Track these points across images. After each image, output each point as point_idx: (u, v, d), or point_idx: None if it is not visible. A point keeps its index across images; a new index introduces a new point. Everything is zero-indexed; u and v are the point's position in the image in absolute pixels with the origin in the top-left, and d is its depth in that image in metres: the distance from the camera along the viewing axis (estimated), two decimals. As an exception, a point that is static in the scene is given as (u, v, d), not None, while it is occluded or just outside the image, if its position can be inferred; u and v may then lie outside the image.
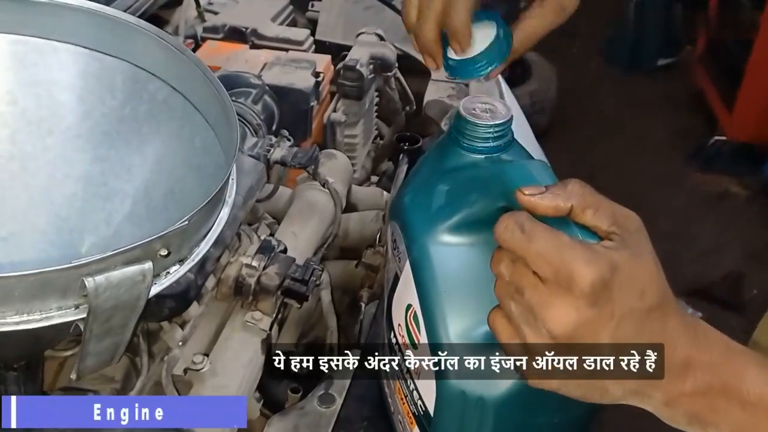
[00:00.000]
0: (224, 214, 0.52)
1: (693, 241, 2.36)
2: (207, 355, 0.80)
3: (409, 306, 0.56)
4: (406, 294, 0.56)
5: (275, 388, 0.86)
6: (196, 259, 0.49)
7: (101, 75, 0.61)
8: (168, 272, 0.46)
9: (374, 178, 1.34)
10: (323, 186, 1.01)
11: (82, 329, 0.42)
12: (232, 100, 0.98)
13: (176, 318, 0.81)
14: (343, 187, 1.15)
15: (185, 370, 0.78)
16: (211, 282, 0.84)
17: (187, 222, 0.44)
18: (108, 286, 0.41)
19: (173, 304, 0.72)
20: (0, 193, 0.62)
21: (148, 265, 0.42)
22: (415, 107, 1.37)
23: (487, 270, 0.46)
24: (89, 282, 0.40)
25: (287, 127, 1.12)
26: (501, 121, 0.55)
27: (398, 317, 0.59)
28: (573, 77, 3.07)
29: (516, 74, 2.78)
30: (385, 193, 1.16)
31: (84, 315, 0.41)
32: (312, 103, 1.14)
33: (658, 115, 2.99)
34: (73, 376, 0.46)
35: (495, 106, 0.57)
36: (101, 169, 0.62)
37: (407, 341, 0.58)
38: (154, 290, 0.44)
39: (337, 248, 1.20)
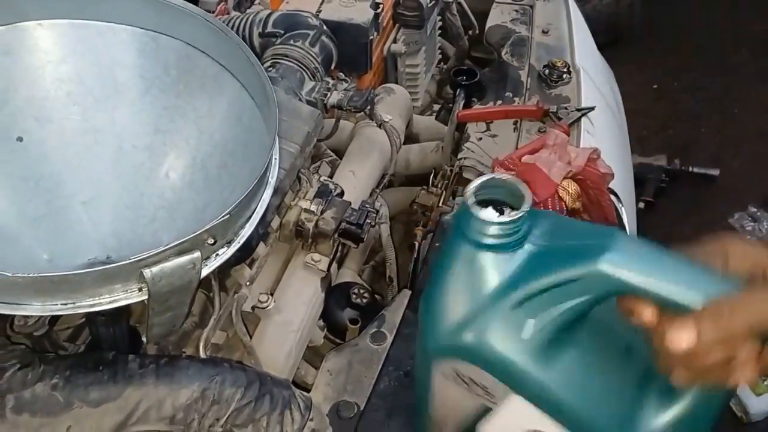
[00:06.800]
0: (267, 195, 0.57)
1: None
2: (272, 294, 0.88)
3: None
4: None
5: (338, 316, 0.95)
6: (242, 240, 0.55)
7: (157, 53, 0.66)
8: (217, 254, 0.53)
9: (436, 106, 1.35)
10: (379, 127, 1.04)
11: (146, 308, 0.49)
12: (291, 44, 1.04)
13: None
14: (402, 121, 1.17)
15: (253, 308, 0.87)
16: (275, 222, 0.91)
17: (228, 215, 0.50)
18: (163, 275, 0.47)
19: (238, 254, 0.80)
20: (77, 163, 0.69)
21: (197, 254, 0.48)
22: (477, 31, 1.35)
23: None
24: (147, 273, 0.47)
25: (347, 62, 1.14)
26: (508, 219, 0.46)
27: None
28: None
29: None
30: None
31: (146, 297, 0.49)
32: (371, 36, 1.14)
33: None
34: (144, 340, 0.54)
35: (514, 190, 0.48)
36: (163, 141, 0.68)
37: None
38: (205, 272, 0.51)
39: (402, 176, 1.24)
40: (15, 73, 0.64)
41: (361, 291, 0.96)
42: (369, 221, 0.92)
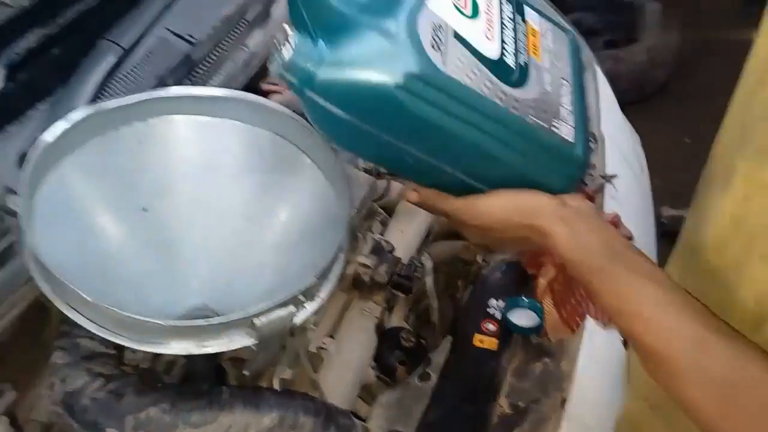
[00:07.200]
0: (342, 258, 0.73)
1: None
2: (332, 337, 1.02)
3: None
4: None
5: (388, 358, 1.09)
6: (325, 297, 0.70)
7: (254, 142, 0.83)
8: (304, 307, 0.68)
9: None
10: (426, 190, 1.18)
11: (253, 348, 0.65)
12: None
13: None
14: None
15: (317, 349, 1.01)
16: (336, 276, 1.06)
17: (316, 279, 0.65)
18: (269, 324, 0.63)
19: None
20: (188, 229, 0.85)
21: (292, 308, 0.64)
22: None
23: None
24: (257, 322, 0.62)
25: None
26: None
27: None
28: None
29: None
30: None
31: (254, 341, 0.64)
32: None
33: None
34: (246, 373, 0.69)
35: None
36: (255, 210, 0.85)
37: None
38: (297, 321, 0.66)
39: (445, 227, 1.38)
40: (145, 157, 0.82)
41: (408, 335, 1.10)
42: (417, 274, 1.06)
